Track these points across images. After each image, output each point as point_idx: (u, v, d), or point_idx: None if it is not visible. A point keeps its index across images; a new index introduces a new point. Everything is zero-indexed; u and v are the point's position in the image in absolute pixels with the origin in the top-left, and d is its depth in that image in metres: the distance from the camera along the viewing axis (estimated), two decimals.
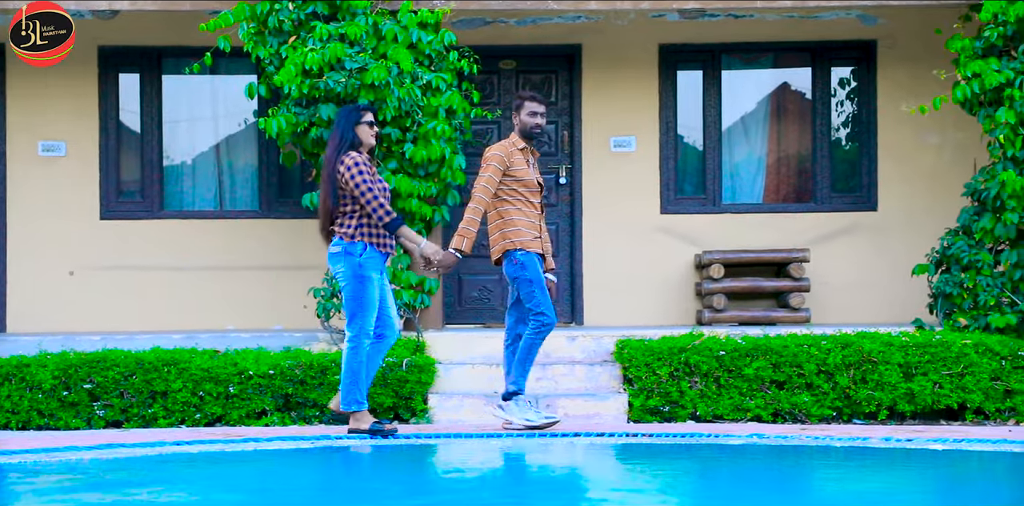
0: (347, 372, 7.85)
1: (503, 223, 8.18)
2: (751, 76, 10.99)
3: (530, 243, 8.16)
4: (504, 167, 8.14)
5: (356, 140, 7.87)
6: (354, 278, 7.77)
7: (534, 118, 8.24)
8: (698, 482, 6.74)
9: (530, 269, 8.12)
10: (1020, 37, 9.14)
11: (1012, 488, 6.51)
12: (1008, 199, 9.02)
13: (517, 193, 8.18)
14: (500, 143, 8.31)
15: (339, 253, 7.80)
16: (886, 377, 8.92)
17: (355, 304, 7.78)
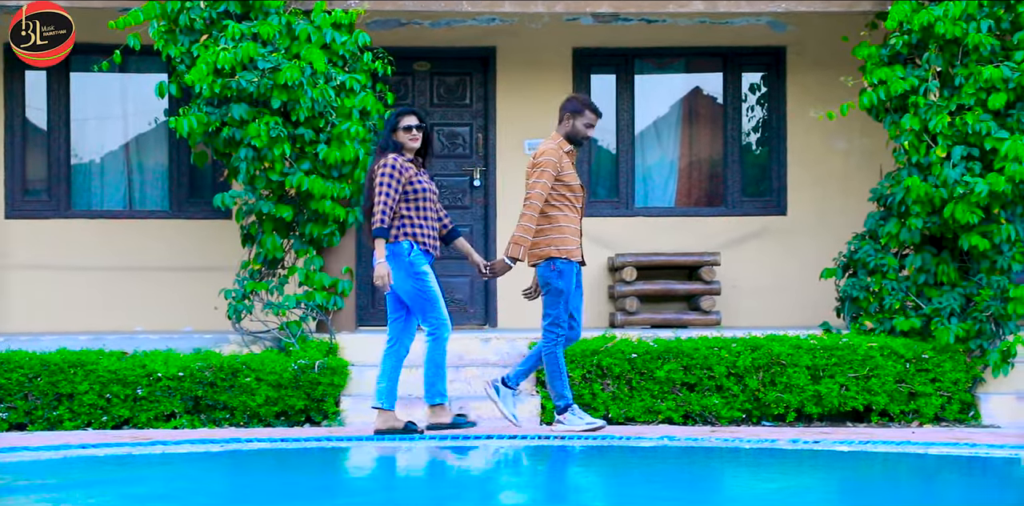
0: (431, 364, 7.92)
1: (551, 229, 8.01)
2: (664, 80, 11.09)
3: (574, 252, 8.06)
4: (557, 172, 7.98)
5: (396, 145, 7.94)
6: (410, 277, 7.85)
7: (588, 130, 8.09)
8: (610, 484, 6.78)
9: (565, 280, 8.01)
10: (924, 45, 9.32)
11: (913, 489, 6.63)
12: (913, 204, 9.19)
13: (564, 198, 8.04)
14: (548, 145, 8.05)
15: (388, 256, 7.84)
16: (794, 380, 9.04)
17: (422, 300, 7.86)
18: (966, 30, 9.09)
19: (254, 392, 9.01)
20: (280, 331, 9.40)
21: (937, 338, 9.10)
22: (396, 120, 7.99)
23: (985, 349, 9.18)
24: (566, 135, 8.07)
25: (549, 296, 8.04)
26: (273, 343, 9.45)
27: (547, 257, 8.02)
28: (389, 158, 7.88)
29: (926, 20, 9.10)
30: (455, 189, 10.88)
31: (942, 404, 9.08)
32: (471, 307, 10.84)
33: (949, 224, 9.18)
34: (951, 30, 9.06)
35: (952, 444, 7.67)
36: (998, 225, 9.12)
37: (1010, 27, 9.21)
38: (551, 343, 8.06)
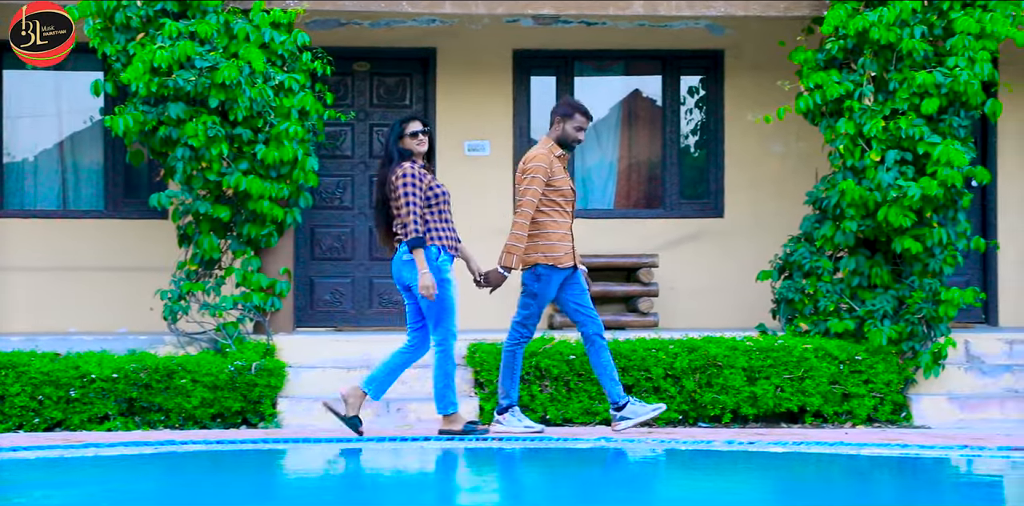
0: (440, 375, 7.90)
1: (537, 235, 7.99)
2: (603, 83, 11.13)
3: (562, 259, 8.03)
4: (547, 177, 7.95)
5: (404, 152, 7.90)
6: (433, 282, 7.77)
7: (578, 133, 8.06)
8: (546, 485, 6.80)
9: (543, 285, 8.00)
10: (860, 50, 9.42)
11: (845, 490, 6.71)
12: (847, 207, 9.29)
13: (555, 203, 8.01)
14: (539, 151, 8.02)
15: (411, 261, 7.79)
16: (730, 381, 9.11)
17: (439, 308, 7.85)
18: (900, 36, 9.20)
19: (190, 394, 8.94)
20: (217, 332, 9.34)
21: (870, 340, 9.21)
22: (402, 127, 7.95)
23: (917, 351, 9.30)
24: (557, 139, 8.06)
25: (524, 297, 8.08)
26: (209, 344, 9.38)
27: (534, 263, 8.02)
28: (406, 166, 7.83)
29: (861, 26, 9.20)
30: None
31: (875, 405, 9.19)
32: None
33: (883, 227, 9.29)
34: (885, 36, 9.17)
35: (884, 445, 7.76)
36: (930, 229, 9.24)
37: (943, 33, 9.34)
38: (513, 340, 8.10)
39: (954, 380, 9.44)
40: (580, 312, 8.09)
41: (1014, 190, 10.81)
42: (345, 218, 10.85)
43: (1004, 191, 10.80)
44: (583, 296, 8.12)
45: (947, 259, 9.31)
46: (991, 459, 7.47)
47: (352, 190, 10.85)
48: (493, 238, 10.85)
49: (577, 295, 8.11)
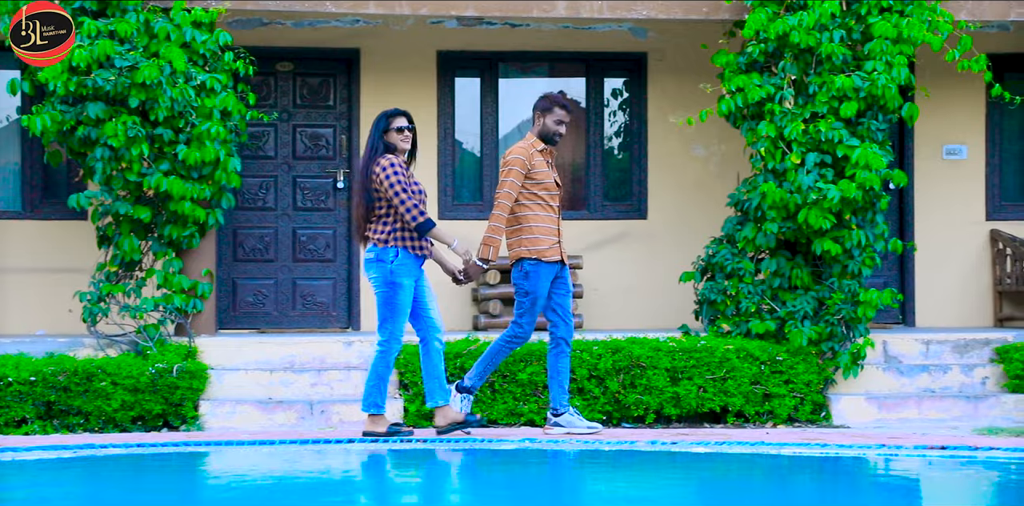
0: (373, 375, 7.90)
1: (521, 229, 8.00)
2: (528, 84, 11.15)
3: (547, 252, 8.04)
4: (526, 170, 7.97)
5: (388, 146, 7.90)
6: (386, 284, 7.83)
7: (559, 126, 8.10)
8: (470, 486, 6.80)
9: (532, 281, 8.00)
10: (780, 54, 9.53)
11: (765, 489, 6.78)
12: (768, 210, 9.39)
13: (537, 197, 8.02)
14: (519, 145, 8.07)
15: (372, 259, 7.86)
16: (654, 382, 9.17)
17: (386, 309, 7.84)
18: (819, 40, 9.32)
19: (110, 397, 8.83)
20: (137, 334, 9.23)
21: (791, 341, 9.31)
22: (387, 121, 7.96)
23: (836, 351, 9.42)
24: (539, 134, 8.12)
25: (517, 295, 8.09)
26: (130, 347, 9.28)
27: (517, 258, 8.05)
28: (387, 157, 7.84)
29: (781, 29, 9.30)
30: (318, 191, 10.80)
31: (795, 405, 9.30)
32: (334, 310, 10.78)
33: (803, 229, 9.39)
34: (805, 39, 9.28)
35: (804, 444, 7.85)
36: (849, 231, 9.37)
37: (861, 37, 9.47)
38: (508, 339, 8.10)
39: (873, 380, 9.58)
40: (556, 312, 8.15)
41: (930, 193, 10.99)
42: (268, 219, 10.78)
43: (920, 194, 10.99)
44: (565, 298, 8.18)
45: (866, 261, 9.44)
46: (908, 458, 7.59)
47: (275, 191, 10.78)
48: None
49: (560, 295, 8.16)
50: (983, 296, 10.92)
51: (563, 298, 8.15)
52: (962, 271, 10.92)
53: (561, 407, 8.17)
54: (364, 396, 7.96)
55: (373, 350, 8.00)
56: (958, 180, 10.99)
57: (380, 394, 7.92)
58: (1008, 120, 11.08)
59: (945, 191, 10.96)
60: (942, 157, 11.01)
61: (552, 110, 8.08)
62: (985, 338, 9.78)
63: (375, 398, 7.92)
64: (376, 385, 7.90)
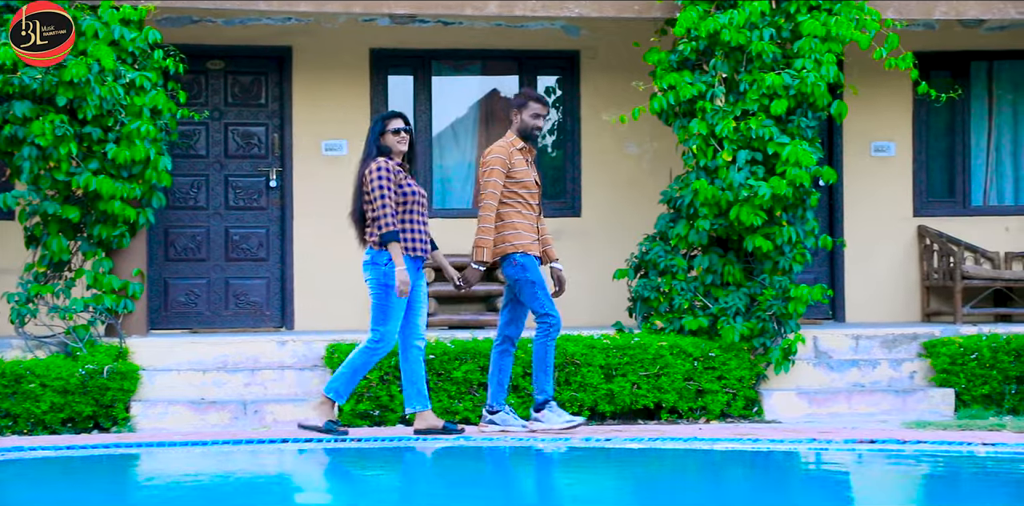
0: (348, 365, 7.88)
1: (502, 226, 7.99)
2: (461, 82, 11.15)
3: (530, 246, 8.04)
4: (506, 169, 7.94)
5: (383, 149, 7.87)
6: (379, 286, 7.82)
7: (536, 120, 8.08)
8: (404, 485, 6.80)
9: (531, 270, 8.00)
10: (711, 52, 9.59)
11: (698, 484, 6.84)
12: (701, 207, 9.45)
13: (517, 195, 8.01)
14: (499, 144, 8.05)
15: (368, 262, 7.85)
16: (588, 378, 9.21)
17: (379, 312, 7.85)
18: (750, 38, 9.39)
19: (39, 398, 8.73)
20: (67, 335, 9.13)
21: (723, 337, 9.39)
22: (383, 124, 7.93)
23: (768, 347, 9.50)
24: (518, 131, 8.11)
25: (524, 290, 8.04)
26: (59, 348, 9.17)
27: (503, 254, 8.02)
28: (380, 161, 7.82)
29: (712, 28, 9.37)
30: (251, 190, 10.74)
31: (728, 401, 9.37)
32: (267, 309, 10.72)
33: (735, 226, 9.47)
34: (736, 38, 9.35)
35: (736, 439, 7.92)
36: (780, 227, 9.46)
37: (790, 36, 9.56)
38: (543, 333, 8.07)
39: (803, 375, 9.68)
40: (517, 313, 8.14)
41: (859, 189, 11.12)
42: (200, 218, 10.70)
43: (850, 190, 11.11)
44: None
45: (796, 257, 9.54)
46: (837, 452, 7.68)
47: (207, 190, 10.70)
48: (352, 239, 10.79)
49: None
50: (911, 291, 11.07)
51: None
52: (890, 267, 11.07)
53: (497, 405, 8.19)
54: (331, 379, 7.94)
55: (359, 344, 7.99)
56: (886, 177, 11.13)
57: (348, 389, 7.91)
58: (934, 117, 11.24)
59: (874, 188, 11.10)
60: (870, 154, 11.15)
61: (527, 105, 8.10)
62: (913, 333, 9.92)
63: (340, 387, 7.89)
64: (351, 378, 7.88)
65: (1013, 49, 11.15)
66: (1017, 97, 11.34)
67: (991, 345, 9.50)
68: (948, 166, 11.26)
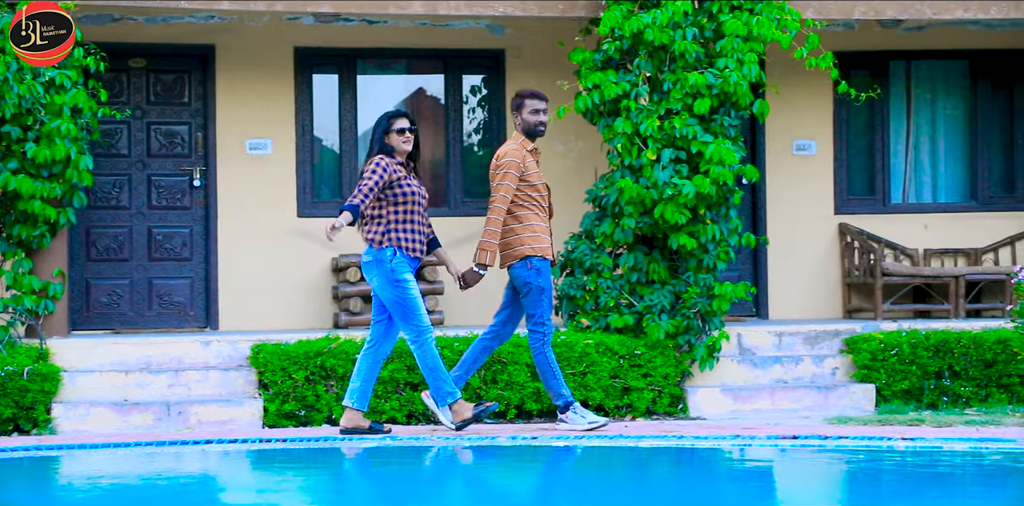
0: (426, 369, 7.89)
1: (522, 228, 7.98)
2: (386, 81, 11.13)
3: (547, 250, 8.04)
4: (520, 172, 7.91)
5: (386, 148, 7.88)
6: (389, 284, 7.81)
7: (537, 115, 8.06)
8: (330, 485, 6.78)
9: (544, 277, 8.01)
10: (635, 51, 9.65)
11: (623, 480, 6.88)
12: (626, 205, 9.51)
13: (532, 199, 8.01)
14: (510, 146, 8.02)
15: (371, 262, 7.85)
16: (515, 377, 9.22)
17: (401, 308, 7.83)
18: (673, 37, 9.46)
19: None
20: None
21: (649, 334, 9.45)
22: (388, 123, 7.93)
23: (693, 344, 9.58)
24: (523, 131, 8.12)
25: (531, 296, 8.05)
26: None
27: (522, 256, 8.02)
28: (375, 158, 7.85)
29: (636, 27, 9.43)
30: (174, 189, 10.64)
31: (653, 398, 9.43)
32: (192, 309, 10.63)
33: (660, 224, 9.54)
34: (659, 37, 9.42)
35: (661, 436, 7.98)
36: (704, 225, 9.54)
37: (713, 35, 9.64)
38: (538, 343, 8.11)
39: (728, 372, 9.77)
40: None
41: (782, 188, 11.25)
42: (122, 218, 10.59)
43: (772, 189, 11.24)
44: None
45: (720, 255, 9.62)
46: (761, 448, 7.77)
47: (129, 190, 10.59)
48: (278, 238, 10.77)
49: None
50: (833, 288, 11.21)
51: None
52: (812, 264, 11.20)
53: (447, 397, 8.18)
54: (432, 391, 7.99)
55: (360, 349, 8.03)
56: (808, 175, 11.27)
57: (446, 382, 7.94)
58: (854, 116, 11.40)
59: (796, 186, 11.23)
60: (792, 153, 11.28)
61: (523, 103, 8.15)
62: (835, 329, 10.05)
63: (444, 387, 7.93)
64: (436, 376, 7.92)
65: (930, 49, 11.33)
66: (935, 96, 11.53)
67: (911, 341, 9.65)
68: (868, 164, 11.42)
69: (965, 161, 11.50)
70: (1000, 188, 11.50)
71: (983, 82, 11.44)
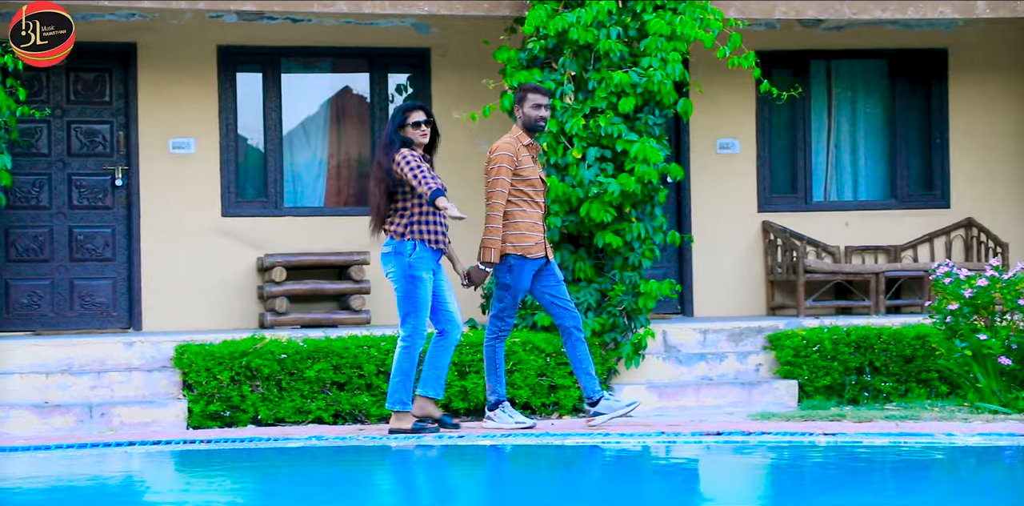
0: (397, 371, 7.78)
1: (507, 225, 7.90)
2: (312, 80, 11.07)
3: (531, 249, 7.96)
4: (513, 166, 7.83)
5: (405, 140, 7.81)
6: (404, 278, 7.74)
7: (538, 110, 7.98)
8: (254, 486, 6.74)
9: (515, 276, 7.94)
10: (560, 50, 9.69)
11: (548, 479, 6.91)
12: (552, 204, 9.54)
13: (523, 193, 7.91)
14: (505, 140, 7.95)
15: (390, 253, 7.78)
16: None
17: (407, 304, 7.75)
18: (597, 36, 9.51)
19: None
20: None
21: None
22: (404, 116, 7.86)
23: (619, 342, 9.64)
24: (523, 125, 8.06)
25: (497, 289, 8.05)
26: None
27: (503, 254, 7.97)
28: (404, 151, 7.78)
29: (560, 26, 9.46)
30: (95, 189, 10.52)
31: (580, 396, 9.47)
32: (114, 310, 10.51)
33: (585, 222, 9.58)
34: (583, 36, 9.46)
35: (587, 434, 8.02)
36: (629, 223, 9.60)
37: (637, 34, 9.70)
38: (491, 335, 8.06)
39: (653, 369, 9.84)
40: (556, 304, 8.13)
41: (706, 186, 11.34)
42: (42, 218, 10.44)
43: (697, 187, 11.33)
44: (559, 287, 8.17)
45: (645, 253, 9.69)
46: (685, 445, 7.83)
47: (49, 189, 10.45)
48: (202, 238, 10.68)
49: (552, 287, 8.15)
50: (756, 285, 11.33)
51: (556, 288, 8.17)
52: (737, 262, 11.31)
53: (595, 394, 8.13)
54: (389, 393, 7.90)
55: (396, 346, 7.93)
56: (732, 173, 11.37)
57: (406, 391, 7.86)
58: (776, 115, 11.52)
59: (720, 184, 11.33)
60: (716, 151, 11.38)
61: (525, 97, 8.10)
62: (758, 326, 10.16)
63: (400, 395, 7.86)
64: (402, 381, 7.84)
65: (850, 48, 11.49)
66: (855, 95, 11.69)
67: (832, 337, 9.77)
68: (790, 162, 11.55)
69: (885, 159, 11.67)
70: (919, 186, 11.68)
71: (901, 81, 11.61)
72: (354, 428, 8.58)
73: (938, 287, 9.15)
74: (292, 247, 10.70)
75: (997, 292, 8.92)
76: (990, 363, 8.82)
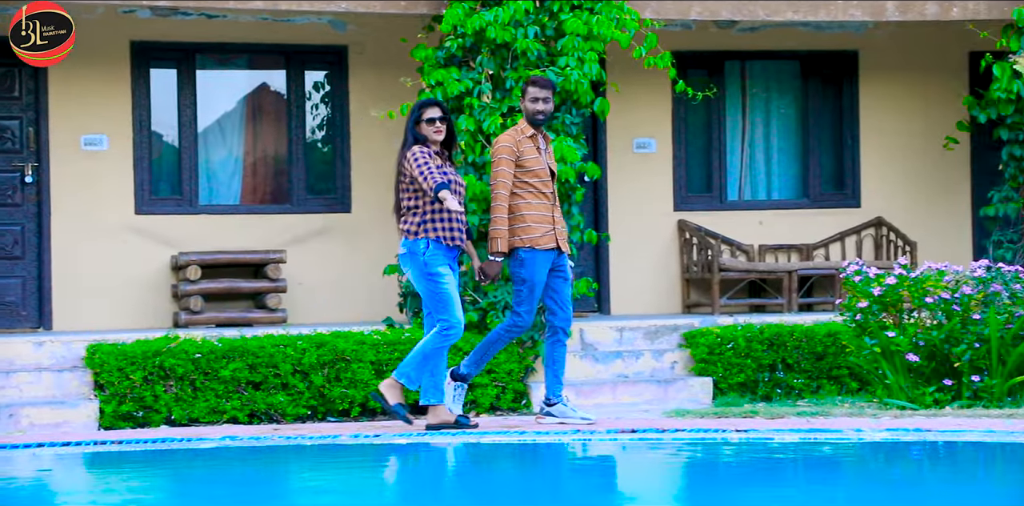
0: (423, 357, 7.72)
1: (513, 218, 7.83)
2: (228, 76, 10.98)
3: (539, 240, 7.89)
4: (514, 157, 7.78)
5: (419, 137, 7.73)
6: (423, 277, 7.69)
7: (536, 104, 7.94)
8: (166, 486, 6.68)
9: (528, 269, 7.87)
10: (478, 49, 9.69)
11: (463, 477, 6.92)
12: (469, 202, 9.54)
13: (528, 185, 7.85)
14: (507, 133, 7.93)
15: (405, 255, 7.74)
16: (359, 375, 9.20)
17: (435, 301, 7.71)
18: (515, 35, 9.53)
19: None
20: None
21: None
22: (419, 112, 7.80)
23: (536, 340, 9.66)
24: (525, 118, 8.04)
25: (514, 286, 7.99)
26: None
27: (511, 248, 7.91)
28: (415, 149, 7.72)
29: (478, 25, 9.47)
30: (4, 186, 10.34)
31: (497, 394, 9.49)
32: (24, 309, 10.35)
33: None
34: (501, 35, 9.48)
35: (504, 432, 8.04)
36: None
37: (554, 34, 9.74)
38: (501, 327, 8.02)
39: (570, 367, 9.85)
40: (555, 302, 8.10)
41: (623, 185, 11.41)
42: None
43: (614, 186, 11.39)
44: (564, 285, 8.13)
45: None
46: (601, 442, 7.88)
47: None
48: (115, 234, 10.54)
49: (558, 283, 8.10)
50: (672, 284, 11.42)
51: (561, 285, 8.12)
52: (653, 260, 11.39)
53: (555, 397, 8.17)
54: (401, 365, 7.84)
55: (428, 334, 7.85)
56: (648, 173, 11.45)
57: (417, 369, 7.78)
58: (692, 115, 11.62)
59: (637, 183, 11.40)
60: (633, 150, 11.45)
61: (526, 90, 8.10)
62: (674, 324, 10.24)
63: (409, 369, 7.79)
64: (418, 360, 7.78)
65: (763, 49, 11.62)
66: (769, 96, 11.83)
67: (746, 335, 9.88)
68: (706, 162, 11.66)
69: (798, 159, 11.82)
70: (831, 186, 11.85)
71: (814, 82, 11.77)
72: (269, 428, 8.53)
73: (848, 285, 9.29)
74: (207, 245, 10.60)
75: (905, 290, 9.08)
76: (898, 360, 8.98)
